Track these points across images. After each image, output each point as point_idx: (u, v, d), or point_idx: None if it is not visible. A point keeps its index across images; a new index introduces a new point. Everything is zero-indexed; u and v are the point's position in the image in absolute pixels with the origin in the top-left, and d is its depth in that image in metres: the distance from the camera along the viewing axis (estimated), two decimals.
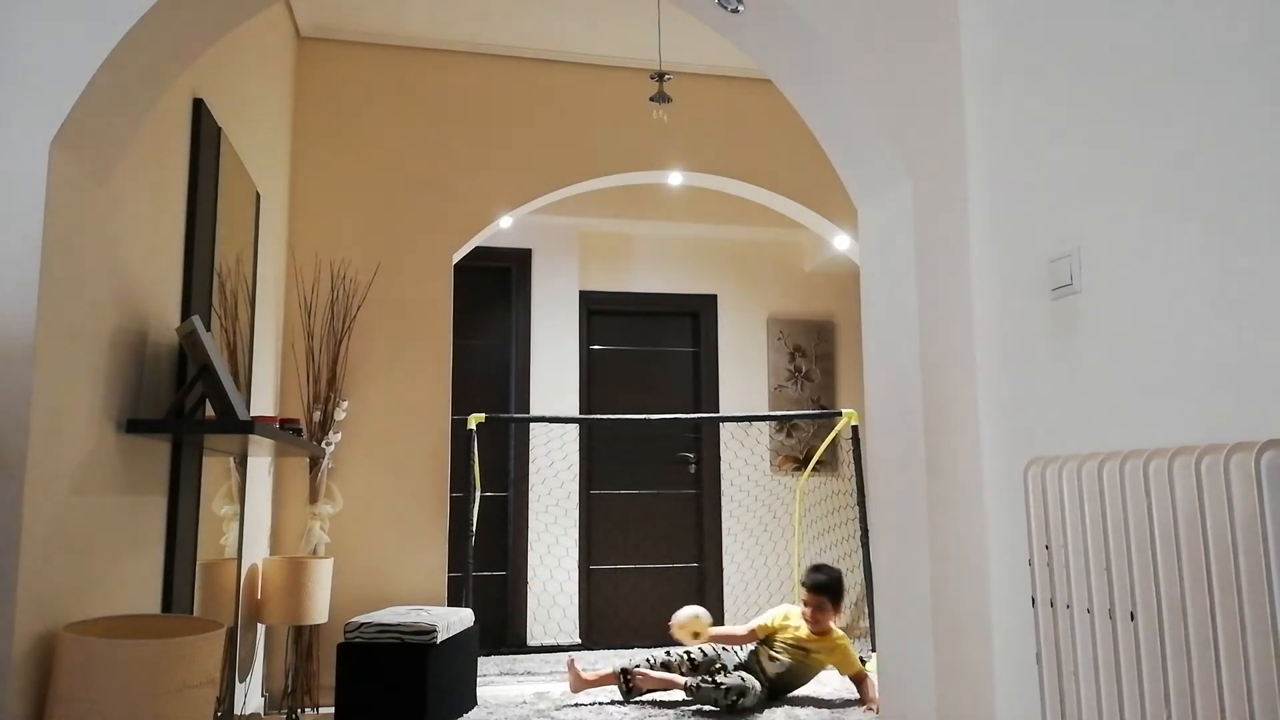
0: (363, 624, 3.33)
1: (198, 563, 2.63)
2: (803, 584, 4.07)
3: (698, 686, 3.73)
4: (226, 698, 2.91)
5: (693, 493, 5.78)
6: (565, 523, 5.49)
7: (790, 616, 4.07)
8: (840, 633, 4.05)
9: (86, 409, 1.94)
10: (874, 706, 3.84)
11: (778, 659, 3.96)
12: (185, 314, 2.56)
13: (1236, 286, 1.62)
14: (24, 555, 1.69)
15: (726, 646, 4.08)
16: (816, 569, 4.07)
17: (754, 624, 4.11)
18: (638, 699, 3.88)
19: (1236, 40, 1.64)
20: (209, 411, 2.50)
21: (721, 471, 5.80)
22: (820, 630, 3.99)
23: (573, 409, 5.55)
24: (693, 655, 3.99)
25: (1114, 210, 1.90)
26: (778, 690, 3.97)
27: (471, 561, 4.80)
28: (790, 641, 3.99)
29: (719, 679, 3.75)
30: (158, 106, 2.31)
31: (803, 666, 3.98)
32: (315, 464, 3.89)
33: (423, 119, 4.29)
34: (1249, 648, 1.41)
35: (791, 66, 2.50)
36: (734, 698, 3.70)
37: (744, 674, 3.84)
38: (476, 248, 5.39)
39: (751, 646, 4.07)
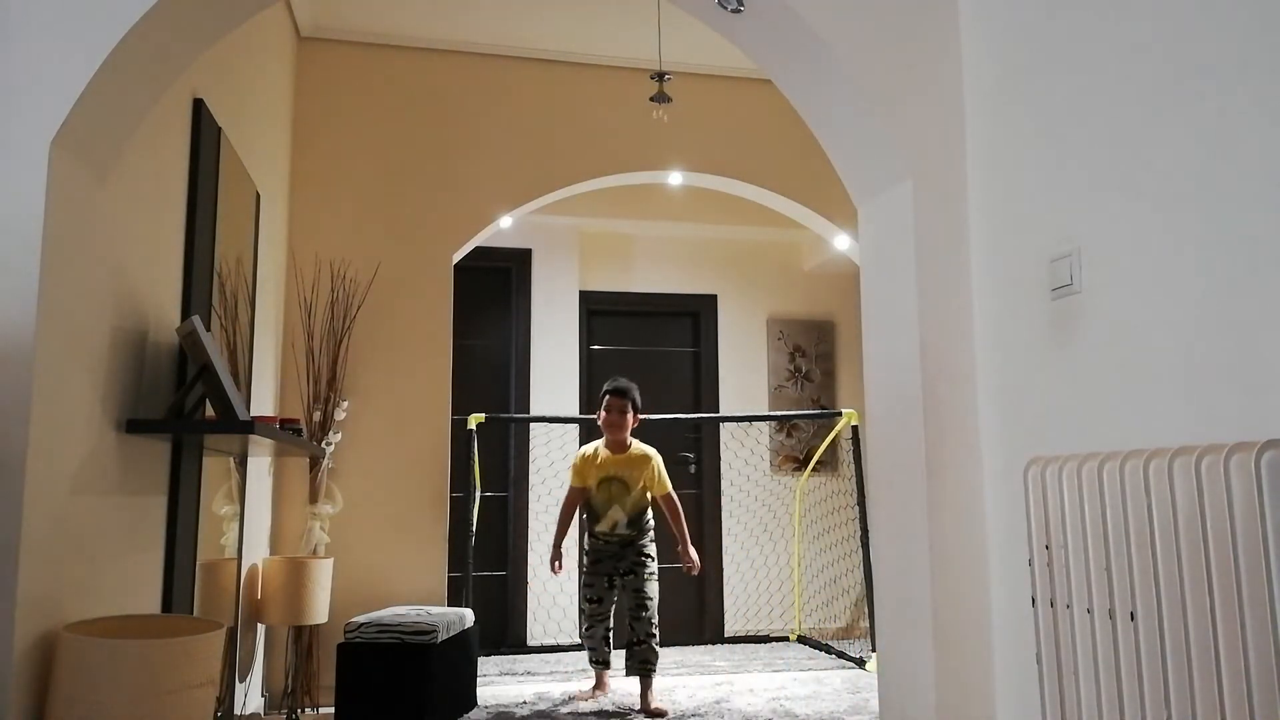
0: (363, 624, 3.33)
1: (198, 563, 2.63)
2: (604, 394, 3.89)
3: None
4: (226, 698, 2.91)
5: (693, 493, 5.78)
6: None
7: (589, 454, 3.89)
8: (642, 446, 3.90)
9: (86, 409, 1.94)
10: (692, 567, 3.86)
11: (612, 517, 3.83)
12: (185, 314, 2.56)
13: (1236, 286, 1.62)
14: (24, 555, 1.69)
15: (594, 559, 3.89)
16: (617, 380, 3.96)
17: (571, 484, 3.95)
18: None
19: (1237, 40, 1.64)
20: (209, 411, 2.50)
21: (721, 471, 5.80)
22: (622, 442, 3.85)
23: (573, 409, 5.55)
24: (591, 597, 3.90)
25: (1114, 210, 1.90)
26: (636, 530, 3.84)
27: (471, 561, 4.80)
28: (603, 483, 3.84)
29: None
30: (158, 106, 2.31)
31: (628, 497, 3.83)
32: (315, 464, 3.89)
33: (423, 119, 4.29)
34: (1249, 648, 1.41)
35: (791, 66, 2.50)
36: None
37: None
38: (476, 248, 5.38)
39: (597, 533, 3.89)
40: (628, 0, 3.98)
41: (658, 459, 3.89)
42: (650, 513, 3.92)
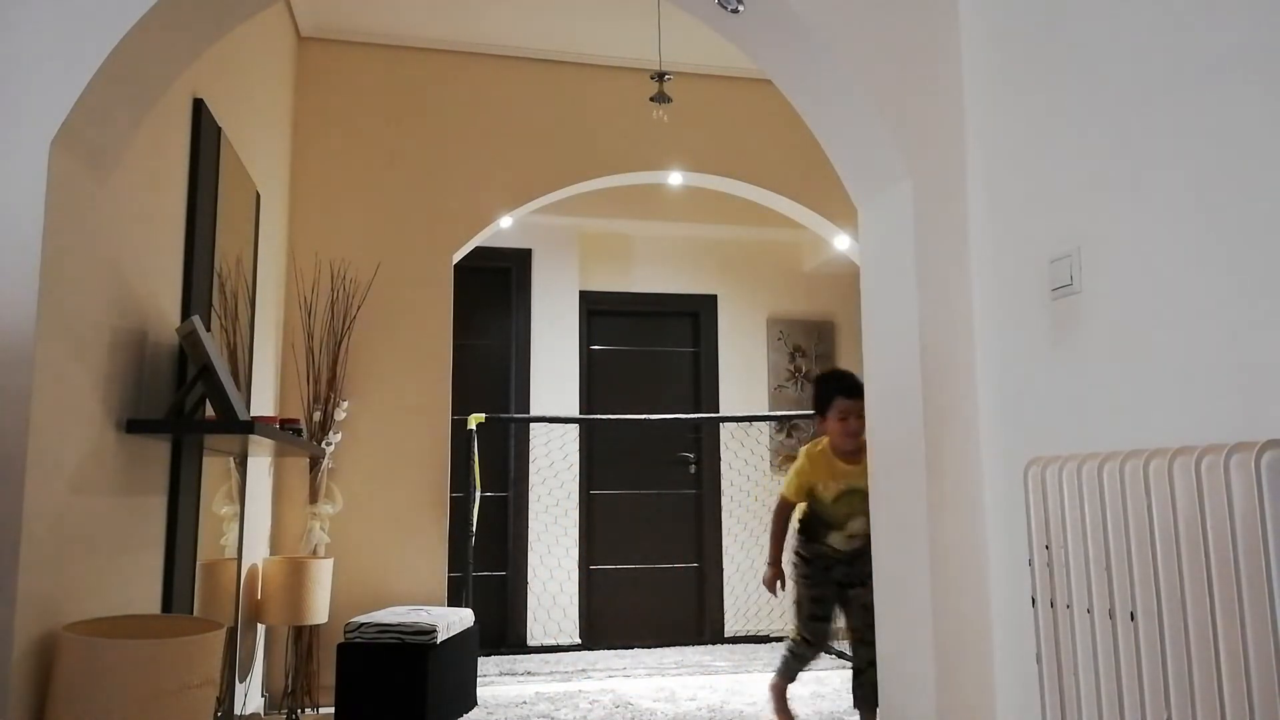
0: (363, 624, 3.33)
1: (198, 563, 2.63)
2: (834, 393, 3.27)
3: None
4: (226, 698, 2.91)
5: (693, 493, 5.78)
6: (565, 523, 5.49)
7: (823, 464, 3.27)
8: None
9: (86, 409, 1.94)
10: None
11: (853, 529, 3.26)
12: (185, 314, 2.56)
13: (1236, 286, 1.62)
14: (24, 555, 1.69)
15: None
16: (841, 373, 3.36)
17: (785, 494, 3.36)
18: None
19: (1238, 39, 1.64)
20: (209, 411, 2.50)
21: (721, 471, 5.80)
22: (860, 447, 3.20)
23: (573, 409, 5.55)
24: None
25: (1114, 210, 1.90)
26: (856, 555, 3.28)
27: (471, 561, 4.80)
28: (844, 495, 3.25)
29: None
30: (158, 106, 2.31)
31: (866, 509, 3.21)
32: (315, 464, 3.89)
33: (423, 119, 4.28)
34: (1249, 648, 1.41)
35: (791, 66, 2.50)
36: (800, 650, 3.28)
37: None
38: (476, 248, 5.39)
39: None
40: (628, 0, 3.98)
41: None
42: None
